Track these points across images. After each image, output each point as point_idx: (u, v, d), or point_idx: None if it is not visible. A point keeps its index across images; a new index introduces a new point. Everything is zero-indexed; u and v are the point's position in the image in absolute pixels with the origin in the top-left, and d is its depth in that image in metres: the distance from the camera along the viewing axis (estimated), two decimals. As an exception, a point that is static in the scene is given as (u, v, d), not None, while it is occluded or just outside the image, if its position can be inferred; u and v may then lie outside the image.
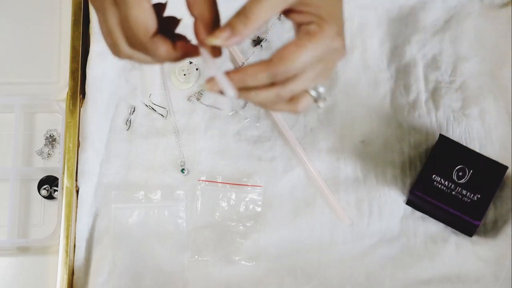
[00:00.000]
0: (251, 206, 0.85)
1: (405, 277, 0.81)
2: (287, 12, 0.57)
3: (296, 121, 0.88)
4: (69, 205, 0.83)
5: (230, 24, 0.55)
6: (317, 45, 0.55)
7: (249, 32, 0.55)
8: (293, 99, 0.58)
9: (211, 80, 0.55)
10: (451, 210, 0.80)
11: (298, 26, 0.57)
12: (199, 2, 0.57)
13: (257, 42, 0.92)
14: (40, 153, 0.91)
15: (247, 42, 0.92)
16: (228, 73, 0.55)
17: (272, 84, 0.56)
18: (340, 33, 0.57)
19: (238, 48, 0.91)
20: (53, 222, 0.85)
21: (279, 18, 0.92)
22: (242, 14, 0.55)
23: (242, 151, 0.87)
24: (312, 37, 0.55)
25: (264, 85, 0.56)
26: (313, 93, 0.58)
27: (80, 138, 0.87)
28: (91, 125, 0.87)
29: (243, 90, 0.56)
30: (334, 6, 0.57)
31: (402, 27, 0.92)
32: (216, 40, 0.55)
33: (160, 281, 0.82)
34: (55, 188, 0.87)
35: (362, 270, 0.82)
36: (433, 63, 0.91)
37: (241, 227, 0.84)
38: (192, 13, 0.57)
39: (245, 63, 0.90)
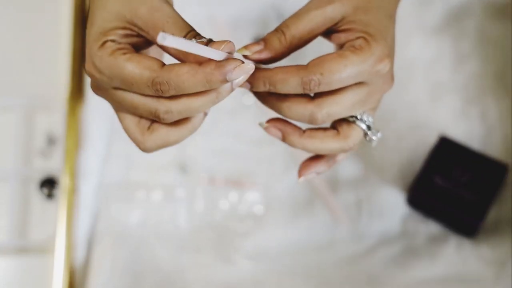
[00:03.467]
0: (251, 206, 0.85)
1: (405, 277, 0.81)
2: (330, 33, 0.52)
3: (295, 122, 0.88)
4: (69, 205, 0.83)
5: (265, 38, 0.51)
6: (361, 60, 0.49)
7: (283, 49, 0.51)
8: (340, 133, 0.52)
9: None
10: (451, 210, 0.80)
11: (342, 45, 0.51)
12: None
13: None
14: (40, 153, 0.91)
15: (247, 42, 0.92)
16: (254, 71, 0.50)
17: (306, 98, 0.50)
18: (389, 55, 0.51)
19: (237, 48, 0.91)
20: (53, 222, 0.85)
21: (279, 19, 0.92)
22: (278, 29, 0.51)
23: (242, 151, 0.87)
24: (356, 51, 0.49)
25: (295, 94, 0.50)
26: (361, 124, 0.52)
27: (80, 138, 0.87)
28: (92, 125, 0.87)
29: (272, 97, 0.51)
30: (384, 26, 0.52)
31: (402, 27, 0.92)
32: (246, 51, 0.51)
33: (160, 281, 0.82)
34: (55, 188, 0.87)
35: (362, 270, 0.82)
36: (433, 63, 0.91)
37: (241, 227, 0.84)
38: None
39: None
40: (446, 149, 0.82)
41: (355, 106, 0.51)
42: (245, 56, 0.52)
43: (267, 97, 0.52)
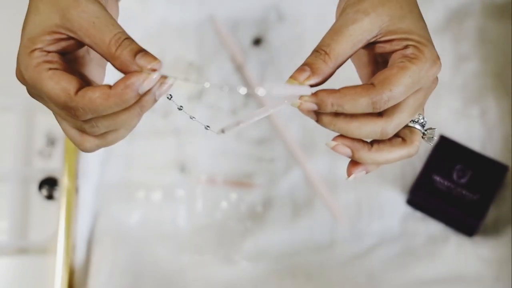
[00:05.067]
0: (251, 206, 0.85)
1: (405, 277, 0.81)
2: (373, 45, 0.52)
3: (295, 122, 0.88)
4: (69, 205, 0.83)
5: (309, 63, 0.50)
6: (420, 68, 0.49)
7: (331, 70, 0.50)
8: (407, 141, 0.52)
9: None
10: (451, 210, 0.80)
11: (387, 54, 0.52)
12: None
13: (257, 42, 0.92)
14: (40, 153, 0.91)
15: (247, 42, 0.92)
16: (319, 92, 0.49)
17: (374, 116, 0.50)
18: (438, 56, 0.51)
19: (238, 48, 0.91)
20: (53, 222, 0.85)
21: (279, 19, 0.92)
22: (319, 50, 0.50)
23: (242, 151, 0.87)
24: (413, 60, 0.49)
25: (362, 114, 0.50)
26: (417, 126, 0.53)
27: (80, 138, 0.87)
28: (91, 125, 0.87)
29: (339, 119, 0.50)
30: (423, 28, 0.52)
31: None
32: (295, 82, 0.50)
33: (160, 281, 0.82)
34: (55, 188, 0.87)
35: (362, 270, 0.82)
36: (433, 63, 0.91)
37: (241, 227, 0.84)
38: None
39: (245, 63, 0.90)
40: (446, 149, 0.82)
41: (416, 111, 0.52)
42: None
43: (332, 120, 0.51)
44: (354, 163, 0.55)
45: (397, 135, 0.52)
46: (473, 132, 0.87)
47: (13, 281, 0.85)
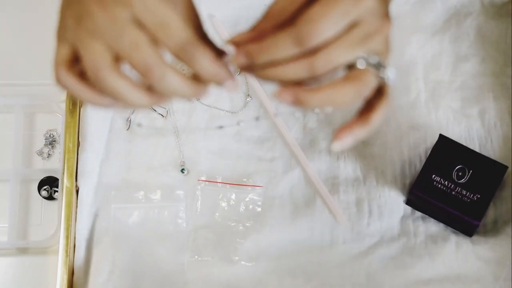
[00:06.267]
0: (251, 206, 0.85)
1: (405, 277, 0.81)
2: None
3: (295, 122, 0.88)
4: (69, 205, 0.83)
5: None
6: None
7: (264, 23, 0.52)
8: (348, 76, 0.50)
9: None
10: (451, 210, 0.80)
11: None
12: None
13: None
14: (40, 153, 0.91)
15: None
16: (243, 45, 0.50)
17: (302, 55, 0.49)
18: None
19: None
20: (53, 223, 0.85)
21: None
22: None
23: (242, 151, 0.87)
24: None
25: (291, 56, 0.49)
26: (363, 62, 0.50)
27: (80, 138, 0.87)
28: (91, 125, 0.87)
29: (266, 67, 0.50)
30: None
31: (401, 26, 0.92)
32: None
33: (160, 281, 0.82)
34: (55, 189, 0.87)
35: (362, 270, 0.82)
36: (433, 63, 0.91)
37: (241, 227, 0.84)
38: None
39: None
40: (445, 149, 0.82)
41: (354, 47, 0.50)
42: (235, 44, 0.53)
43: (263, 71, 0.51)
44: (340, 129, 0.54)
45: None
46: (473, 132, 0.87)
47: (13, 281, 0.85)
